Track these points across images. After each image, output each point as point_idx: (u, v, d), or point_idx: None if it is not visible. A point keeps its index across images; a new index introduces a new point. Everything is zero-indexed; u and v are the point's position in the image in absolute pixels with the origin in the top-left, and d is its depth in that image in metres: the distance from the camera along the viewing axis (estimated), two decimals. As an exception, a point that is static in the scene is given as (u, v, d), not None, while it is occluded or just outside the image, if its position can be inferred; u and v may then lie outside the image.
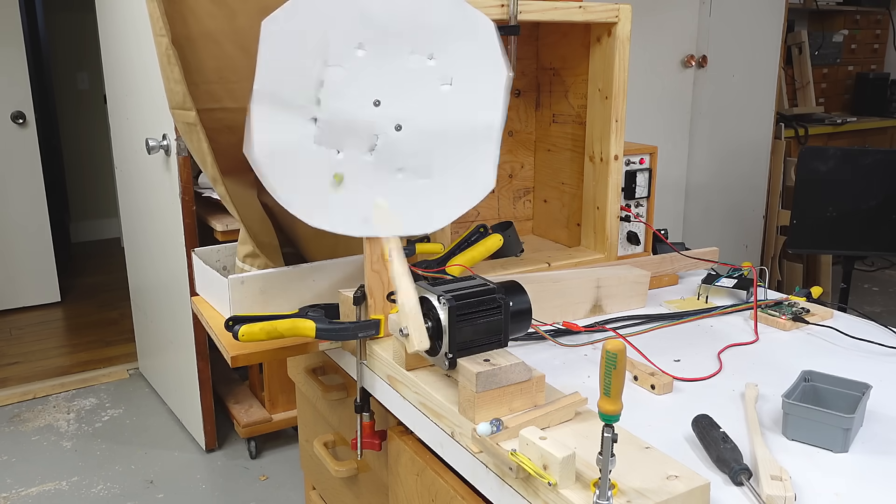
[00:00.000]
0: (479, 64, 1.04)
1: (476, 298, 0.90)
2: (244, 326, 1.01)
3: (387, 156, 1.02)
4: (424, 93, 1.02)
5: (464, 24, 1.02)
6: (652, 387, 1.00)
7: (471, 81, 1.04)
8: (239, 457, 2.61)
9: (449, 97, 1.03)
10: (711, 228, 3.62)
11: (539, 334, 1.16)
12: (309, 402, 1.45)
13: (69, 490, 2.42)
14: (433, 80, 1.02)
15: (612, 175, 1.40)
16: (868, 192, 2.68)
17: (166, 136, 2.39)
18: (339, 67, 0.98)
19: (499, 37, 1.04)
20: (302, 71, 0.97)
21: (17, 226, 3.87)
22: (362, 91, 0.99)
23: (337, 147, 1.00)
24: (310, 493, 1.54)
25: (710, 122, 3.47)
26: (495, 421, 0.81)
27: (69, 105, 5.02)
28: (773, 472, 0.78)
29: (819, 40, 4.33)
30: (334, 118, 0.99)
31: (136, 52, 2.54)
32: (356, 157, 1.01)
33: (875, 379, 1.01)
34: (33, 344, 3.59)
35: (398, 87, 1.01)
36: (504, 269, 1.34)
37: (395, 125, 1.02)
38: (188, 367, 2.58)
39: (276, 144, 0.98)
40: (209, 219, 2.43)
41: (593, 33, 1.40)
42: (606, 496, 0.69)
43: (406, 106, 1.02)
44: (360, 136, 1.00)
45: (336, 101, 0.98)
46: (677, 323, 1.24)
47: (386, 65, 1.00)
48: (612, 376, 0.68)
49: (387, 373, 1.02)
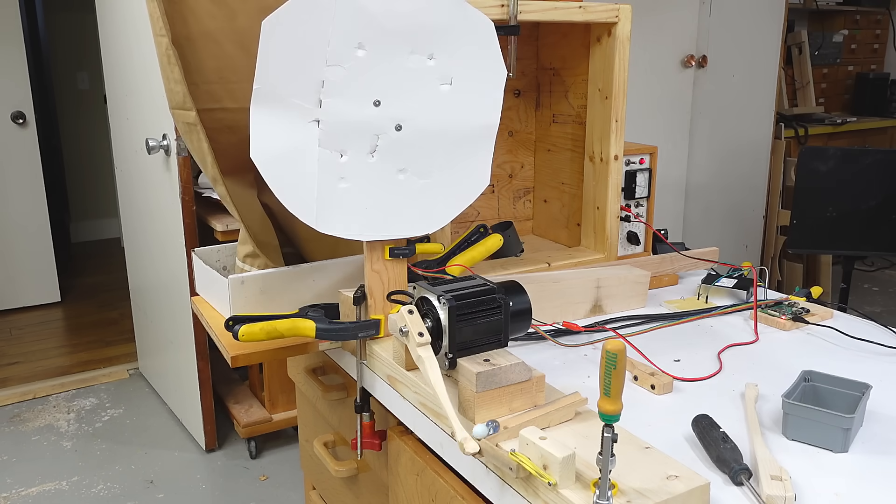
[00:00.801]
0: (479, 64, 1.04)
1: (476, 298, 0.90)
2: (244, 326, 1.01)
3: (388, 156, 1.02)
4: (424, 93, 1.02)
5: (464, 24, 1.02)
6: (652, 387, 1.00)
7: (470, 81, 1.04)
8: (239, 457, 2.62)
9: (449, 97, 1.03)
10: (711, 228, 3.62)
11: (539, 334, 1.16)
12: (309, 402, 1.45)
13: (69, 490, 2.42)
14: (433, 80, 1.02)
15: (612, 175, 1.40)
16: (868, 192, 2.68)
17: (166, 136, 2.39)
18: (339, 67, 0.98)
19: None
20: (302, 71, 0.97)
21: (17, 226, 3.87)
22: (362, 91, 0.99)
23: (338, 148, 1.00)
24: (310, 493, 1.54)
25: (710, 122, 3.47)
26: (491, 422, 0.80)
27: (69, 105, 5.02)
28: (773, 472, 0.78)
29: (819, 40, 4.33)
30: (335, 119, 0.99)
31: (137, 52, 2.54)
32: (358, 158, 1.01)
33: (875, 379, 1.01)
34: (33, 344, 3.59)
35: (398, 87, 1.01)
36: (504, 269, 1.34)
37: (396, 125, 1.02)
38: (188, 367, 2.58)
39: (278, 146, 0.98)
40: (209, 219, 2.43)
41: (593, 33, 1.40)
42: (606, 496, 0.69)
43: (406, 106, 1.02)
44: (361, 136, 1.00)
45: (336, 102, 0.98)
46: (677, 323, 1.24)
47: (386, 65, 1.00)
48: (612, 376, 0.68)
49: (387, 373, 1.02)
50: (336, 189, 1.01)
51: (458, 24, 1.02)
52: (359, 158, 1.01)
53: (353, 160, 1.01)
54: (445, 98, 1.03)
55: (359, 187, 1.02)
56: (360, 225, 1.03)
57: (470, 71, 1.04)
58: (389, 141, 1.02)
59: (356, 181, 1.02)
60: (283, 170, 0.99)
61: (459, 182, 1.06)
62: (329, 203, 1.01)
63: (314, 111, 0.98)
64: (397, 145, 1.02)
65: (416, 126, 1.02)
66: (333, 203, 1.01)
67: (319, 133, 0.99)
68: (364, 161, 1.01)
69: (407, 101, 1.01)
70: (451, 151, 1.05)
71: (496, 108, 1.06)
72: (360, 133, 1.00)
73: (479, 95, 1.05)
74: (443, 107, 1.03)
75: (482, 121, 1.06)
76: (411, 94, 1.01)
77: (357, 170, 1.01)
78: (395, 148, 1.02)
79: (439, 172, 1.05)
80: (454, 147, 1.05)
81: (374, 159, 1.02)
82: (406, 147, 1.03)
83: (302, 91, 0.97)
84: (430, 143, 1.04)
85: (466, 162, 1.06)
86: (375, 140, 1.01)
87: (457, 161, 1.05)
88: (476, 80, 1.04)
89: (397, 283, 1.07)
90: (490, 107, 1.06)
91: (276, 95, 0.96)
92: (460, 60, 1.03)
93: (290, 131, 0.98)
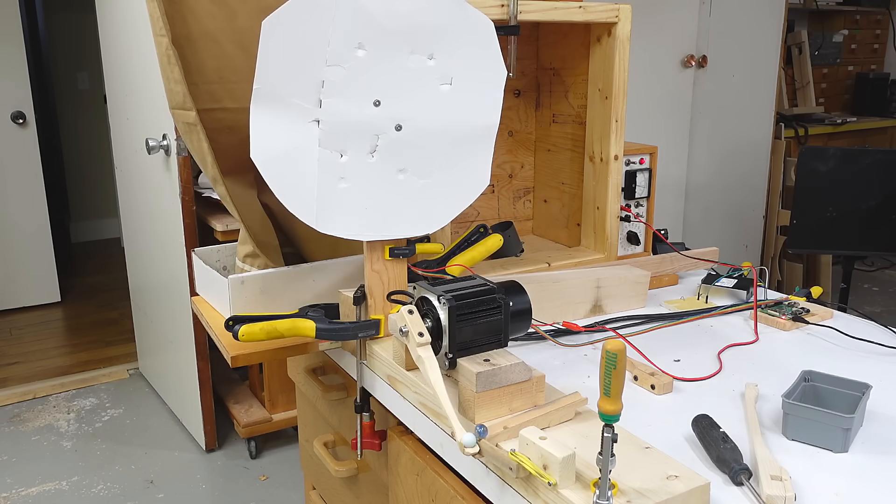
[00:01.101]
0: (479, 64, 1.04)
1: (476, 298, 0.90)
2: (244, 326, 1.01)
3: (388, 156, 1.02)
4: (424, 93, 1.02)
5: (464, 24, 1.02)
6: (652, 387, 1.00)
7: (470, 81, 1.04)
8: (239, 457, 2.62)
9: (449, 97, 1.03)
10: (711, 228, 3.62)
11: (539, 334, 1.16)
12: (309, 402, 1.45)
13: (69, 490, 2.42)
14: (433, 80, 1.02)
15: (612, 175, 1.40)
16: (868, 192, 2.68)
17: (166, 136, 2.39)
18: (339, 67, 0.98)
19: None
20: (302, 71, 0.97)
21: (17, 226, 3.87)
22: (362, 91, 0.99)
23: (338, 148, 1.00)
24: (310, 493, 1.54)
25: (710, 122, 3.47)
26: (479, 427, 0.79)
27: (69, 105, 5.02)
28: (773, 472, 0.78)
29: (819, 40, 4.33)
30: (335, 119, 0.99)
31: (137, 52, 2.54)
32: (358, 158, 1.01)
33: (875, 379, 1.01)
34: (33, 344, 3.59)
35: (398, 87, 1.01)
36: (504, 269, 1.34)
37: (396, 125, 1.02)
38: (188, 367, 2.58)
39: (278, 146, 0.98)
40: (209, 219, 2.43)
41: (593, 33, 1.40)
42: (606, 496, 0.69)
43: (406, 106, 1.02)
44: (361, 136, 1.00)
45: (336, 102, 0.98)
46: (677, 323, 1.24)
47: (386, 65, 1.00)
48: (612, 376, 0.68)
49: (387, 373, 1.02)
50: (336, 189, 1.01)
51: (458, 24, 1.02)
52: (359, 158, 1.01)
53: (353, 160, 1.01)
54: (445, 98, 1.03)
55: (359, 187, 1.02)
56: (360, 225, 1.03)
57: (470, 71, 1.04)
58: (389, 141, 1.02)
59: (356, 181, 1.02)
60: (283, 170, 0.99)
61: (459, 182, 1.06)
62: (329, 203, 1.01)
63: (314, 111, 0.98)
64: (397, 145, 1.02)
65: (416, 126, 1.02)
66: (333, 203, 1.01)
67: (319, 133, 0.99)
68: (364, 161, 1.01)
69: (407, 101, 1.01)
70: (452, 151, 1.05)
71: (496, 108, 1.06)
72: (360, 133, 1.00)
73: (479, 95, 1.05)
74: (443, 107, 1.03)
75: (482, 121, 1.06)
76: (411, 94, 1.01)
77: (357, 170, 1.01)
78: (395, 148, 1.02)
79: (439, 172, 1.05)
80: (454, 147, 1.05)
81: (374, 159, 1.02)
82: (406, 147, 1.03)
83: (302, 91, 0.97)
84: (430, 143, 1.04)
85: (466, 162, 1.06)
86: (375, 140, 1.01)
87: (457, 161, 1.05)
88: (476, 80, 1.04)
89: (397, 283, 1.07)
90: (490, 107, 1.06)
91: (277, 95, 0.96)
92: (460, 60, 1.03)
93: (290, 131, 0.98)
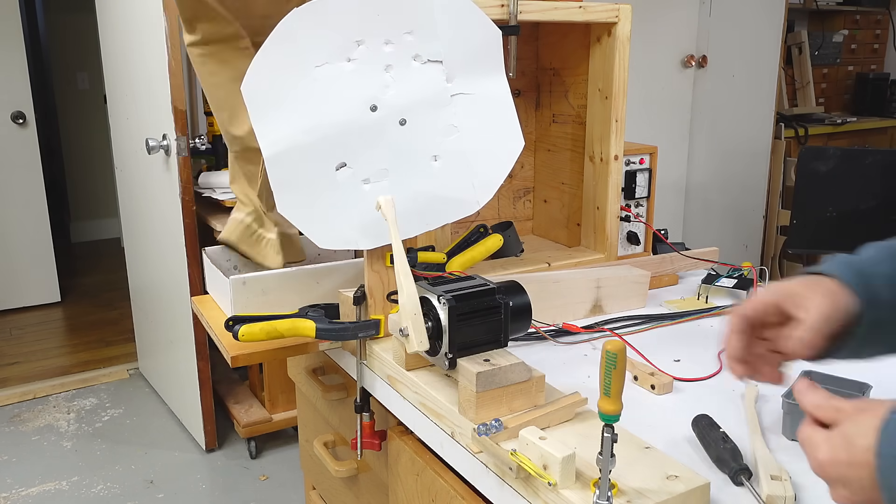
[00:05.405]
0: (479, 63, 1.04)
1: (476, 298, 0.90)
2: (244, 326, 1.01)
3: (388, 156, 1.02)
4: (425, 93, 1.02)
5: (464, 24, 1.02)
6: (652, 387, 1.00)
7: (470, 81, 1.04)
8: (239, 457, 2.62)
9: (449, 96, 1.03)
10: (711, 228, 3.62)
11: (539, 334, 1.16)
12: (309, 402, 1.45)
13: (69, 490, 2.42)
14: (434, 79, 1.02)
15: (612, 175, 1.40)
16: (868, 192, 2.68)
17: (166, 136, 2.39)
18: (339, 67, 0.98)
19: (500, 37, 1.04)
20: (302, 71, 0.97)
21: (17, 226, 3.87)
22: (362, 91, 0.99)
23: (342, 149, 1.00)
24: (310, 493, 1.54)
25: (710, 122, 3.47)
26: (495, 421, 0.81)
27: (69, 105, 5.02)
28: (772, 472, 0.78)
29: (819, 40, 4.33)
30: (336, 119, 0.99)
31: (137, 52, 2.54)
32: (358, 157, 1.01)
33: (875, 379, 1.00)
34: (33, 344, 3.59)
35: (399, 88, 1.01)
36: (504, 269, 1.34)
37: (398, 121, 1.02)
38: (188, 367, 2.58)
39: (278, 145, 0.98)
40: (209, 219, 2.43)
41: (593, 33, 1.40)
42: (606, 496, 0.69)
43: (406, 106, 1.02)
44: (363, 137, 1.00)
45: (336, 102, 0.98)
46: (677, 323, 1.24)
47: (386, 65, 1.00)
48: (612, 376, 0.68)
49: (387, 373, 1.02)
50: (336, 189, 1.01)
51: (458, 24, 1.02)
52: (359, 158, 1.01)
53: (353, 160, 1.01)
54: (446, 98, 1.03)
55: (359, 188, 1.02)
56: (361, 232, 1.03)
57: (470, 71, 1.04)
58: (390, 141, 1.02)
59: (356, 180, 1.02)
60: (284, 170, 0.99)
61: (493, 153, 1.06)
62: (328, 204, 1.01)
63: (315, 113, 0.98)
64: (397, 145, 1.02)
65: (416, 126, 1.02)
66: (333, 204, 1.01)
67: (319, 133, 0.99)
68: (364, 160, 1.01)
69: (407, 101, 1.01)
70: (453, 152, 1.05)
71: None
72: (363, 134, 1.00)
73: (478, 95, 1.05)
74: (444, 107, 1.03)
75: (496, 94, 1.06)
76: (412, 95, 1.01)
77: (357, 169, 1.01)
78: (395, 148, 1.02)
79: (440, 172, 1.05)
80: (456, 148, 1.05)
81: (374, 159, 1.02)
82: (406, 147, 1.03)
83: (303, 92, 0.97)
84: (430, 142, 1.04)
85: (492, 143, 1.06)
86: (375, 140, 1.01)
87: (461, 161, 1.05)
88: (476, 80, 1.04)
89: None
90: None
91: (277, 96, 0.96)
92: (460, 60, 1.03)
93: (290, 131, 0.98)
